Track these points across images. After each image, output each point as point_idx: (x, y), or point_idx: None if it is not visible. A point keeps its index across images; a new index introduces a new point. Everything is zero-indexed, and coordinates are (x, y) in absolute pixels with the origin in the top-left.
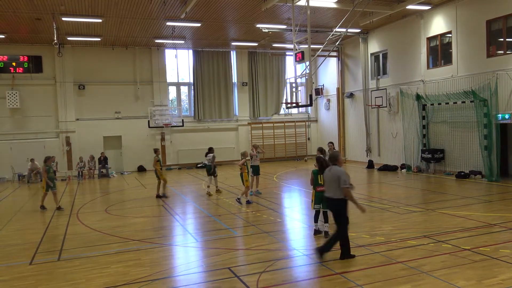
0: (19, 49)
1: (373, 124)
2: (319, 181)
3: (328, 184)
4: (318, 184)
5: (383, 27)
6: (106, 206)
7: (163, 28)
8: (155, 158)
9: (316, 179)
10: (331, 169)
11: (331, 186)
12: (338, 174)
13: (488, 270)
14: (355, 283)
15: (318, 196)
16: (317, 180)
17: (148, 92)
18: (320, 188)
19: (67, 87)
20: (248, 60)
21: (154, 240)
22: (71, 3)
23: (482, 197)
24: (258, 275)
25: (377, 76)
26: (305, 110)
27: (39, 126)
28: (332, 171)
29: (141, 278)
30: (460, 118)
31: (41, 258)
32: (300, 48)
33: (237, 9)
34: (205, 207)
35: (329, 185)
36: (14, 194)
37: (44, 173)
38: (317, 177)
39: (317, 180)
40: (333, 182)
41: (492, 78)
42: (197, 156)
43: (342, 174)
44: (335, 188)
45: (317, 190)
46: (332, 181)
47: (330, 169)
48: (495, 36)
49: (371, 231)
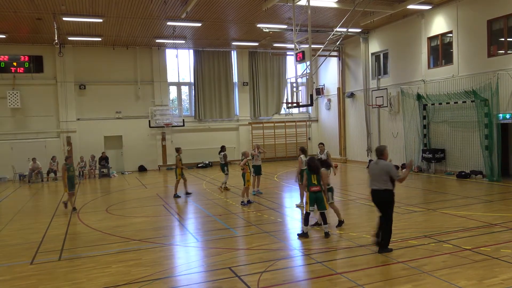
0: (20, 49)
1: (374, 124)
2: (312, 181)
3: (375, 177)
4: (312, 184)
5: (383, 26)
6: (107, 206)
7: (164, 28)
8: (177, 157)
9: (309, 179)
10: (378, 163)
11: (379, 178)
12: (388, 168)
13: (489, 270)
14: (356, 283)
15: (312, 197)
16: (310, 180)
17: (149, 92)
18: (313, 188)
19: (68, 87)
20: (249, 60)
21: (155, 240)
22: (71, 3)
23: (483, 197)
24: (259, 275)
25: (378, 76)
26: (306, 110)
27: (40, 126)
28: (379, 164)
29: (142, 278)
30: (461, 118)
31: (42, 258)
32: (301, 48)
33: (238, 9)
34: (206, 207)
35: (377, 178)
36: (15, 194)
37: (64, 173)
38: (311, 177)
39: (310, 180)
40: (382, 175)
41: (493, 78)
42: (197, 156)
43: (391, 168)
44: (383, 180)
45: (311, 191)
46: (381, 174)
47: (377, 163)
48: (496, 36)
49: (372, 231)
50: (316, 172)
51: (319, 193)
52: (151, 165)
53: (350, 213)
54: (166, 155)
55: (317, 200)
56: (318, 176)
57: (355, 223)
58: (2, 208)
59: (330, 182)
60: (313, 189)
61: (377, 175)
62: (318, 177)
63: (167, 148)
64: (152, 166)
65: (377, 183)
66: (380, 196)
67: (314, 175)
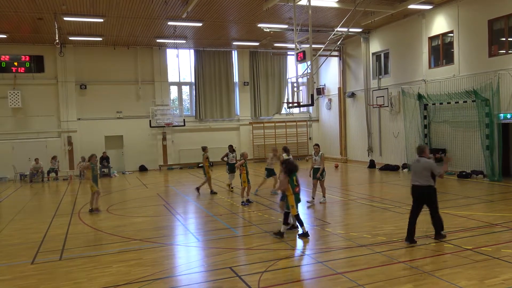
0: (21, 49)
1: (375, 123)
2: (294, 183)
3: (417, 173)
4: (295, 186)
5: (384, 26)
6: (107, 205)
7: (165, 27)
8: (204, 155)
9: (292, 182)
10: (420, 160)
11: (422, 175)
12: (430, 166)
13: (490, 270)
14: (357, 282)
15: (297, 198)
16: (292, 182)
17: (150, 92)
18: (297, 189)
19: (68, 87)
20: (250, 59)
21: (156, 239)
22: (72, 3)
23: (484, 197)
24: (260, 274)
25: (379, 76)
26: (307, 110)
27: (41, 125)
28: (421, 162)
29: (143, 278)
30: (461, 118)
31: (42, 258)
32: (302, 48)
33: (239, 8)
34: (207, 206)
35: (419, 174)
36: (16, 193)
37: (88, 172)
38: (292, 180)
39: (292, 182)
40: (424, 172)
41: (494, 77)
42: (198, 156)
43: (433, 165)
44: (425, 176)
45: (296, 192)
46: (423, 171)
47: (419, 161)
48: (497, 36)
49: (373, 231)
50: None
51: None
52: (152, 165)
53: (351, 213)
54: (166, 155)
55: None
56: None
57: (355, 223)
58: (3, 207)
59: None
60: (297, 190)
61: (419, 172)
62: (296, 178)
63: (167, 148)
64: (153, 166)
65: (419, 180)
66: (422, 192)
67: (294, 176)
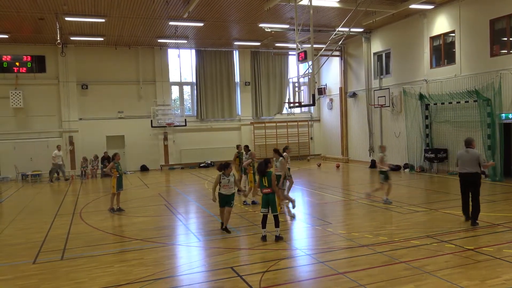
0: (22, 49)
1: (376, 123)
2: (264, 183)
3: (467, 162)
4: (263, 187)
5: (386, 26)
6: (109, 205)
7: (166, 27)
8: (235, 154)
9: (261, 182)
10: (469, 151)
11: (471, 163)
12: (478, 155)
13: (492, 270)
14: (358, 282)
15: (265, 199)
16: (262, 182)
17: (151, 92)
18: (265, 190)
19: (70, 87)
20: (251, 59)
21: (157, 239)
22: (74, 3)
23: (486, 197)
24: (261, 274)
25: (380, 76)
26: (308, 110)
27: (42, 125)
28: (470, 152)
29: (144, 278)
30: (463, 118)
31: (44, 257)
32: (303, 48)
33: (240, 8)
34: (208, 206)
35: (468, 163)
36: (17, 193)
37: (113, 171)
38: (262, 180)
39: (262, 182)
40: (473, 161)
41: (496, 77)
42: (199, 156)
43: (480, 155)
44: (474, 165)
45: (264, 193)
46: (472, 160)
47: (468, 151)
48: (499, 36)
49: (374, 231)
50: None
51: (271, 195)
52: (153, 165)
53: (352, 213)
54: (168, 155)
55: (269, 202)
56: (269, 178)
57: (357, 223)
58: (4, 207)
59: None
60: (265, 191)
61: (468, 161)
62: (268, 180)
63: (169, 148)
64: (154, 165)
65: (468, 167)
66: (471, 178)
67: (264, 177)
